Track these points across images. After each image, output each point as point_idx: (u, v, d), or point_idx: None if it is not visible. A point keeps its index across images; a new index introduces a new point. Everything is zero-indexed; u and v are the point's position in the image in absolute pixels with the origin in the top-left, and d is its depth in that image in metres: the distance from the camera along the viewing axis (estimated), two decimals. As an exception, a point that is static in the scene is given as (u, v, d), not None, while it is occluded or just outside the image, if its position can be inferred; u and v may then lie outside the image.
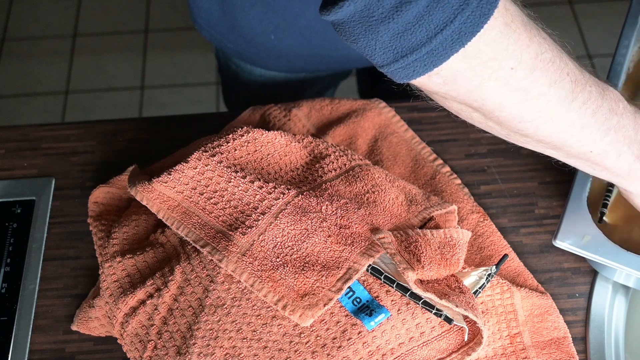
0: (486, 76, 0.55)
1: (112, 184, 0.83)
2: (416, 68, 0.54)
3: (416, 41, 0.53)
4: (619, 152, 0.64)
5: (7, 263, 0.83)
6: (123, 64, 2.29)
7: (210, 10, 1.00)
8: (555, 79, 0.57)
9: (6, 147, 0.93)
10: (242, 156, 0.75)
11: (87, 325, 0.78)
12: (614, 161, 0.64)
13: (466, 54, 0.53)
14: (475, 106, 0.59)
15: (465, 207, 0.84)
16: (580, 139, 0.61)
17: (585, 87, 0.59)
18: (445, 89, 0.57)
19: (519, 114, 0.58)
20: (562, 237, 0.73)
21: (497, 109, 0.58)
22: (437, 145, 0.90)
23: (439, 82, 0.56)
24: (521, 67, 0.55)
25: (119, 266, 0.76)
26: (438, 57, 0.53)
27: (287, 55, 1.02)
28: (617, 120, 0.62)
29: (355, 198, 0.73)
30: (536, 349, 0.74)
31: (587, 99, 0.59)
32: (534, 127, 0.60)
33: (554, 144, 0.62)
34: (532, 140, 0.62)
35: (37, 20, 2.40)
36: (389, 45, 0.53)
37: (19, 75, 2.28)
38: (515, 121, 0.59)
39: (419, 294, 0.67)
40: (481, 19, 0.52)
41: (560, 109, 0.58)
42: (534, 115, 0.58)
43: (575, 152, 0.63)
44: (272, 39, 0.98)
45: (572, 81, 0.58)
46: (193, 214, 0.72)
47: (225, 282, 0.71)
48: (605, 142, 0.62)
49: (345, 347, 0.68)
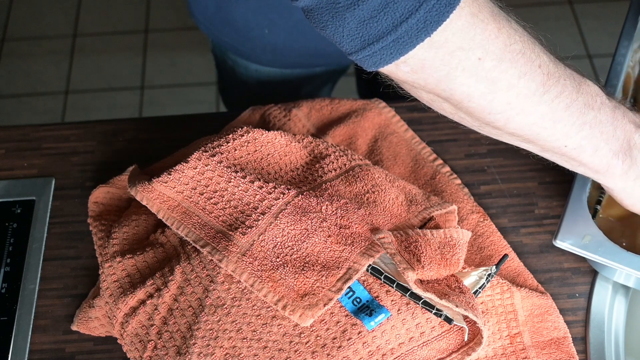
0: (453, 66, 0.55)
1: (112, 184, 0.83)
2: (383, 56, 0.54)
3: (382, 29, 0.53)
4: (595, 147, 0.63)
5: (7, 263, 0.83)
6: (123, 64, 2.29)
7: (206, 4, 1.01)
8: (526, 70, 0.57)
9: (6, 147, 0.93)
10: (242, 156, 0.75)
11: (87, 325, 0.78)
12: (591, 157, 0.63)
13: (432, 43, 0.53)
14: (444, 96, 0.58)
15: (465, 207, 0.84)
16: (553, 133, 0.61)
17: (559, 80, 0.59)
18: (413, 77, 0.57)
19: (488, 105, 0.58)
20: (562, 237, 0.73)
21: (465, 100, 0.58)
22: (437, 145, 0.90)
23: (406, 70, 0.56)
24: (489, 58, 0.55)
25: (119, 266, 0.76)
26: (404, 45, 0.53)
27: (282, 50, 1.02)
28: (593, 115, 0.61)
29: (355, 198, 0.73)
30: (536, 349, 0.74)
31: (560, 92, 0.59)
32: (505, 119, 0.59)
33: (526, 137, 0.62)
34: (504, 133, 0.62)
35: (37, 20, 2.40)
36: (355, 33, 0.54)
37: (19, 75, 2.28)
38: (484, 112, 0.59)
39: (419, 294, 0.67)
40: (447, 8, 0.52)
41: (531, 102, 0.58)
42: (503, 107, 0.58)
43: (550, 146, 0.62)
44: (267, 33, 0.98)
45: (544, 74, 0.58)
46: (193, 214, 0.72)
47: (225, 282, 0.71)
48: (580, 136, 0.61)
49: (345, 347, 0.68)
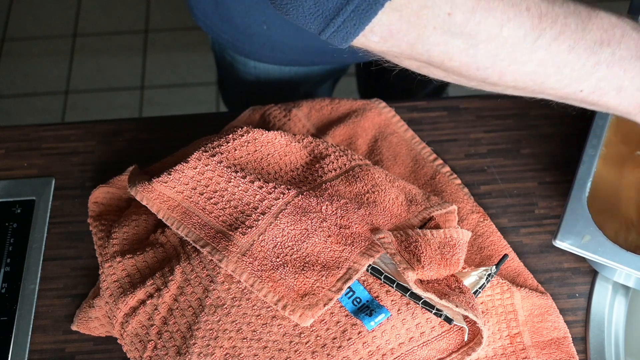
0: (422, 26, 0.52)
1: (112, 184, 0.83)
2: (348, 29, 0.53)
3: (337, 1, 0.52)
4: (618, 87, 0.57)
5: (7, 263, 0.83)
6: (123, 64, 2.29)
7: (205, 1, 1.00)
8: (508, 17, 0.53)
9: (6, 147, 0.93)
10: (242, 156, 0.75)
11: (87, 325, 0.78)
12: (615, 99, 0.57)
13: (393, 6, 0.51)
14: (425, 60, 0.55)
15: (465, 207, 0.84)
16: (560, 79, 0.56)
17: (556, 21, 0.54)
18: (386, 46, 0.55)
19: (472, 60, 0.55)
20: (562, 237, 0.73)
21: (446, 60, 0.55)
22: (437, 145, 0.90)
23: (376, 40, 0.54)
24: (459, 11, 0.52)
25: (119, 266, 0.76)
26: (365, 13, 0.52)
27: (280, 47, 1.02)
28: (610, 52, 0.55)
29: (355, 198, 0.73)
30: (536, 349, 0.74)
31: (559, 33, 0.54)
32: (498, 72, 0.55)
33: (532, 89, 0.58)
34: (505, 87, 0.58)
35: (37, 20, 2.39)
36: (315, 11, 0.53)
37: (19, 75, 2.28)
38: (472, 69, 0.55)
39: (419, 294, 0.67)
40: None
41: (523, 50, 0.54)
42: (491, 60, 0.54)
43: (562, 94, 0.58)
44: (265, 30, 0.98)
45: (535, 16, 0.53)
46: (193, 214, 0.72)
47: (225, 282, 0.71)
48: (597, 78, 0.56)
49: (345, 347, 0.68)
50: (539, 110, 0.92)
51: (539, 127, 0.91)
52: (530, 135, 0.91)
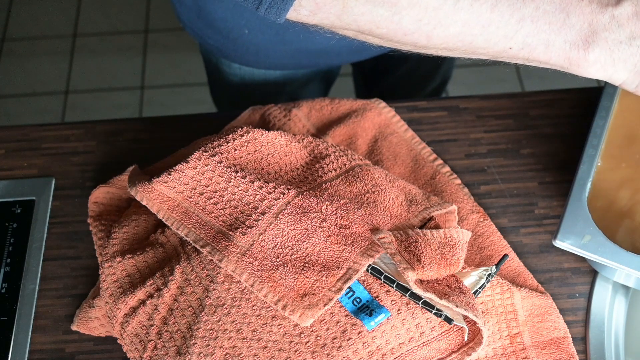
0: None
1: (112, 184, 0.83)
2: (279, 5, 0.55)
3: None
4: (546, 42, 0.57)
5: (7, 263, 0.83)
6: (123, 64, 2.29)
7: (189, 7, 1.01)
8: None
9: (6, 147, 0.93)
10: (242, 156, 0.75)
11: (87, 325, 0.78)
12: (545, 54, 0.58)
13: None
14: (355, 29, 0.57)
15: (465, 207, 0.84)
16: (488, 38, 0.56)
17: None
18: (317, 19, 0.56)
19: (398, 27, 0.56)
20: (562, 237, 0.73)
21: (374, 28, 0.56)
22: (437, 145, 0.90)
23: (306, 14, 0.56)
24: None
25: (119, 266, 0.76)
26: None
27: (264, 51, 1.02)
28: (534, 7, 0.56)
29: (355, 198, 0.73)
30: (536, 349, 0.74)
31: None
32: (425, 36, 0.56)
33: (462, 49, 0.58)
34: (437, 49, 0.58)
35: (37, 20, 2.39)
36: None
37: (19, 75, 2.28)
38: (400, 35, 0.57)
39: (419, 294, 0.67)
40: None
41: (445, 12, 0.55)
42: (416, 25, 0.55)
43: (493, 52, 0.58)
44: (246, 34, 0.98)
45: None
46: (193, 214, 0.72)
47: (225, 282, 0.71)
48: (523, 34, 0.56)
49: (345, 347, 0.68)
50: (539, 110, 0.92)
51: (539, 127, 0.91)
52: (530, 135, 0.91)
